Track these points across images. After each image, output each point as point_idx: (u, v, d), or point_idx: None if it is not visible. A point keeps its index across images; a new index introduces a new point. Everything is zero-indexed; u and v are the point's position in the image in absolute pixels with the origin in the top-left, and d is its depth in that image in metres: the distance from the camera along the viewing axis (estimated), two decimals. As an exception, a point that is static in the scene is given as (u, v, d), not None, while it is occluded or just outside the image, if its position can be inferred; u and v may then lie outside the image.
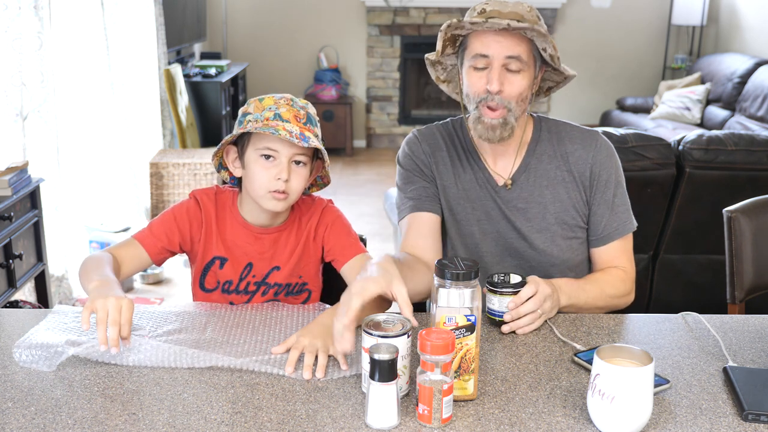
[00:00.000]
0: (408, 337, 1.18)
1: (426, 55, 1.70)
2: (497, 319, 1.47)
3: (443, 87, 1.77)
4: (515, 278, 1.48)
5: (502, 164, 1.70)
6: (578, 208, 1.68)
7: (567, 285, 1.57)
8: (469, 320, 1.17)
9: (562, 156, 1.68)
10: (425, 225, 1.69)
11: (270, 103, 1.55)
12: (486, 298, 1.47)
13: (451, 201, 1.71)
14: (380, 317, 1.22)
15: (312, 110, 1.60)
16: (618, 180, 1.69)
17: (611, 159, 1.69)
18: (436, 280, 1.19)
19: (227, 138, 1.58)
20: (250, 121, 1.55)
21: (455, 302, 1.17)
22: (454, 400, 1.19)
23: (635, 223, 1.71)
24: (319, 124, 1.61)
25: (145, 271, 3.73)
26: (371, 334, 1.17)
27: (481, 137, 1.62)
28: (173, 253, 1.66)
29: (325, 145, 1.57)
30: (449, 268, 1.17)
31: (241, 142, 1.59)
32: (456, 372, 1.18)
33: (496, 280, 1.47)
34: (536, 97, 1.71)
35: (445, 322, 1.17)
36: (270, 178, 1.54)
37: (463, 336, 1.18)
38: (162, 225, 1.64)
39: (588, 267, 1.74)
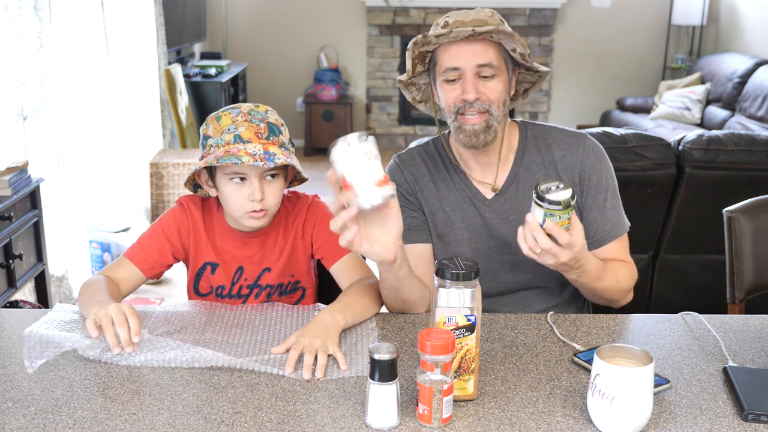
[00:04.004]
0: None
1: (398, 78, 1.68)
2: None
3: (420, 107, 1.75)
4: (561, 195, 1.34)
5: (490, 174, 1.67)
6: None
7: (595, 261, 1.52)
8: (469, 320, 1.17)
9: (551, 164, 1.66)
10: (418, 256, 1.66)
11: (228, 123, 1.50)
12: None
13: (438, 225, 1.69)
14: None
15: (273, 117, 1.55)
16: (608, 182, 1.66)
17: (600, 162, 1.66)
18: (436, 280, 1.19)
19: (191, 171, 1.55)
20: (212, 146, 1.51)
21: (455, 302, 1.17)
22: (454, 400, 1.19)
23: (628, 224, 1.69)
24: (284, 128, 1.57)
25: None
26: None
27: (465, 146, 1.60)
28: (169, 266, 1.64)
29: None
30: (449, 268, 1.17)
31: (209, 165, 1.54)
32: (456, 372, 1.18)
33: (542, 188, 1.35)
34: (514, 100, 1.69)
35: (445, 322, 1.17)
36: (244, 200, 1.52)
37: (463, 336, 1.18)
38: (151, 239, 1.63)
39: None
